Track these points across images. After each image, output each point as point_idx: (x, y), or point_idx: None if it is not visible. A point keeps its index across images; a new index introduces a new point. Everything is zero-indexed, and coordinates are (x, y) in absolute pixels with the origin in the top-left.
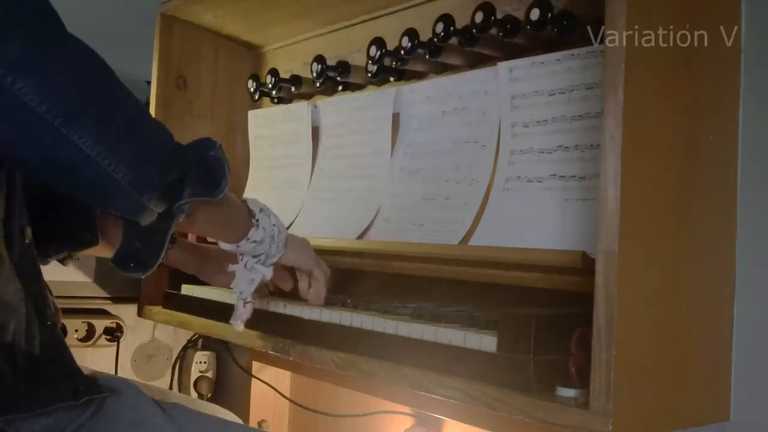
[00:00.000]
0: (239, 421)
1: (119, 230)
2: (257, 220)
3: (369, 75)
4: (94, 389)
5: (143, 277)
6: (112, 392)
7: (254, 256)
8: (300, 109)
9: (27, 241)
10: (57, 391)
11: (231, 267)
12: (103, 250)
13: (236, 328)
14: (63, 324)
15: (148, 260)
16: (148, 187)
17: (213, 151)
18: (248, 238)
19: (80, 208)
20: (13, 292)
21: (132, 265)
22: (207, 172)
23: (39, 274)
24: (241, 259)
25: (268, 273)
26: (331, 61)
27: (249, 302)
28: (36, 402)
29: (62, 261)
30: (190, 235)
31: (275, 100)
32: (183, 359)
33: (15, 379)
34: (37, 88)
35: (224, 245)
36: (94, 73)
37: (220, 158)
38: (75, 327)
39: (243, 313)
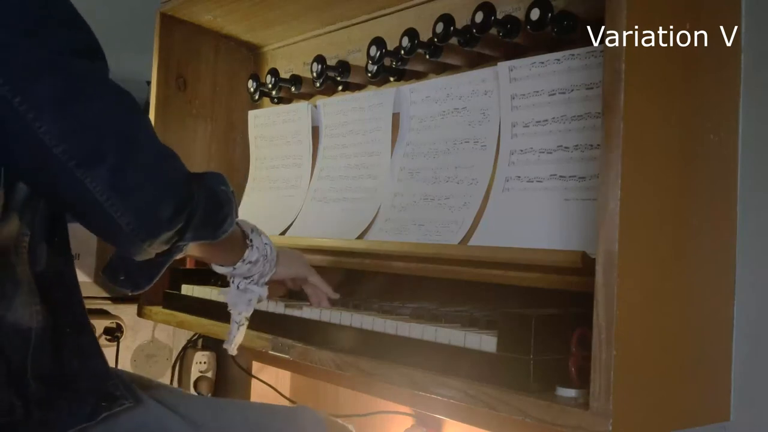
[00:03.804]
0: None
1: None
2: (251, 241)
3: (369, 75)
4: (117, 402)
5: (131, 294)
6: (137, 401)
7: (246, 278)
8: (300, 109)
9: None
10: (73, 413)
11: (222, 291)
12: None
13: (230, 353)
14: None
15: (139, 282)
16: (150, 235)
17: (224, 186)
18: (244, 260)
19: None
20: (29, 315)
21: (122, 278)
22: (214, 209)
23: (73, 280)
24: (233, 282)
25: (263, 292)
26: (331, 61)
27: (243, 325)
28: (48, 430)
29: None
30: None
31: (275, 100)
32: (183, 359)
33: (25, 409)
34: (59, 129)
35: (219, 269)
36: (119, 117)
37: (229, 196)
38: None
39: (238, 337)
